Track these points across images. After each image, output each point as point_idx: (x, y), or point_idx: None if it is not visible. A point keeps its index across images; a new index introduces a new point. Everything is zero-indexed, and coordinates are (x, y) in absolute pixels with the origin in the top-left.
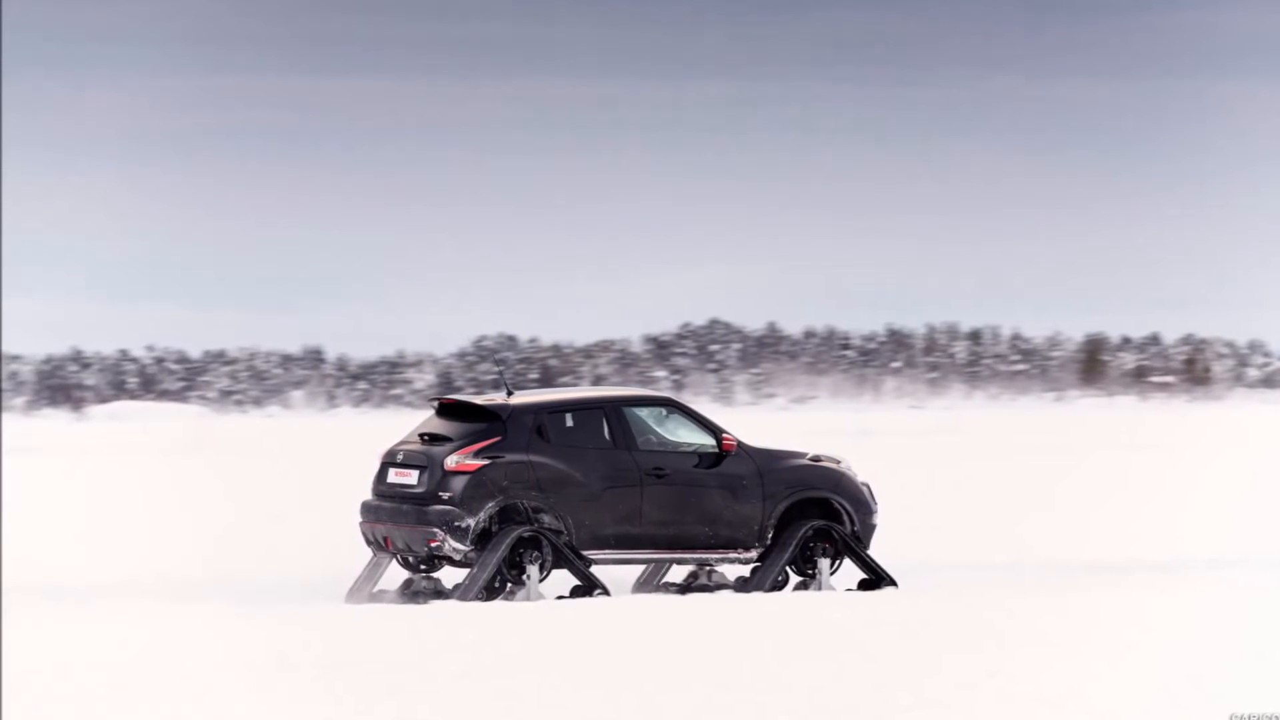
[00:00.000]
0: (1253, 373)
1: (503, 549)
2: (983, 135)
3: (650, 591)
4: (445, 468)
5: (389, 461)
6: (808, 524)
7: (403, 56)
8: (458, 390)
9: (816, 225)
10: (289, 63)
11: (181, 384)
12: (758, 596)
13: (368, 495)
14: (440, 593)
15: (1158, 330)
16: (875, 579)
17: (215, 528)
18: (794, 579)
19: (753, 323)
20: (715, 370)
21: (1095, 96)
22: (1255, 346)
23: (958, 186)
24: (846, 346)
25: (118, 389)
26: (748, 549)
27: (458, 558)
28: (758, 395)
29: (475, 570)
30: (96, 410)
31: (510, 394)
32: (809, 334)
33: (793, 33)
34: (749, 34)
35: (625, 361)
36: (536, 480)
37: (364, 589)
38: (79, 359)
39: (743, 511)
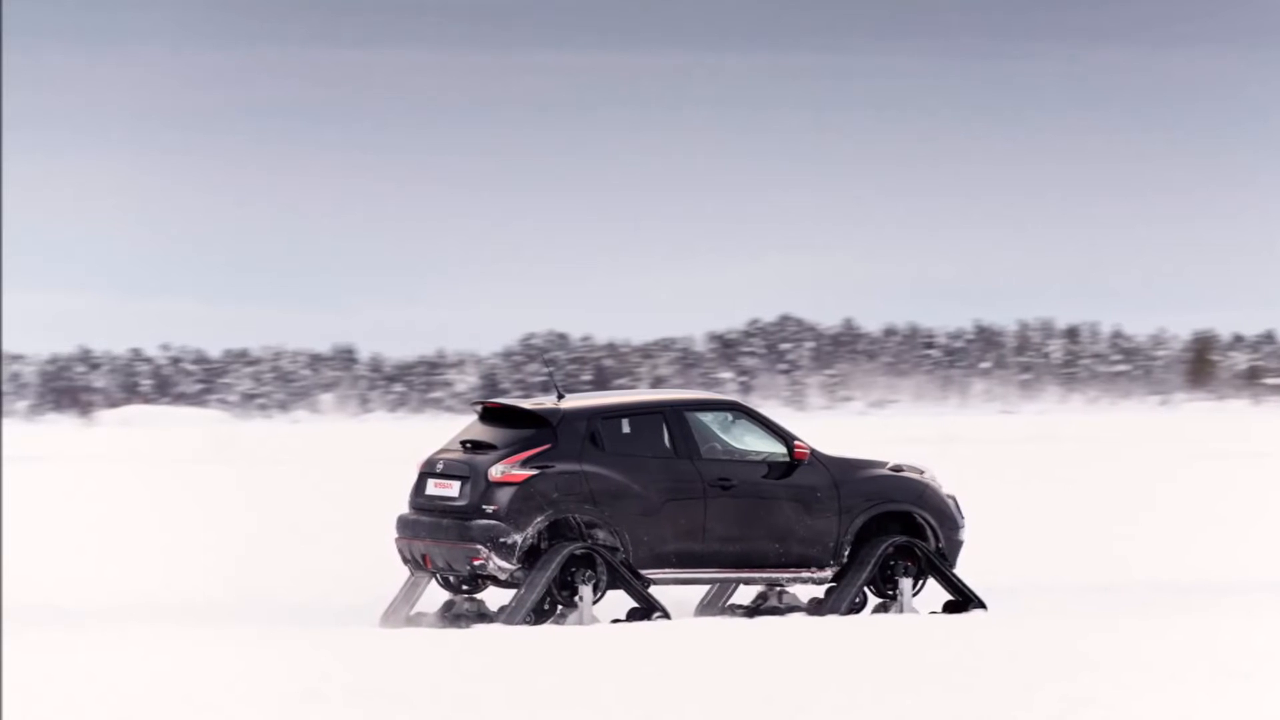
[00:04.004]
0: None
1: (553, 568)
2: (1082, 113)
3: (715, 614)
4: (489, 478)
5: (428, 471)
6: (888, 540)
7: (443, 29)
8: (503, 393)
9: (897, 212)
10: (318, 35)
11: (199, 386)
12: (833, 620)
13: (404, 509)
14: (484, 615)
15: (1272, 328)
16: (962, 600)
17: (237, 544)
18: (873, 600)
19: (827, 319)
20: (786, 371)
21: (1209, 71)
22: None
23: (1054, 170)
24: (930, 345)
25: (129, 392)
26: (822, 567)
27: (503, 577)
28: (833, 398)
29: (522, 591)
30: (106, 415)
31: (561, 397)
32: (889, 331)
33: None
34: (823, 3)
35: (687, 362)
36: (590, 492)
37: (401, 611)
38: (87, 359)
39: (816, 526)
